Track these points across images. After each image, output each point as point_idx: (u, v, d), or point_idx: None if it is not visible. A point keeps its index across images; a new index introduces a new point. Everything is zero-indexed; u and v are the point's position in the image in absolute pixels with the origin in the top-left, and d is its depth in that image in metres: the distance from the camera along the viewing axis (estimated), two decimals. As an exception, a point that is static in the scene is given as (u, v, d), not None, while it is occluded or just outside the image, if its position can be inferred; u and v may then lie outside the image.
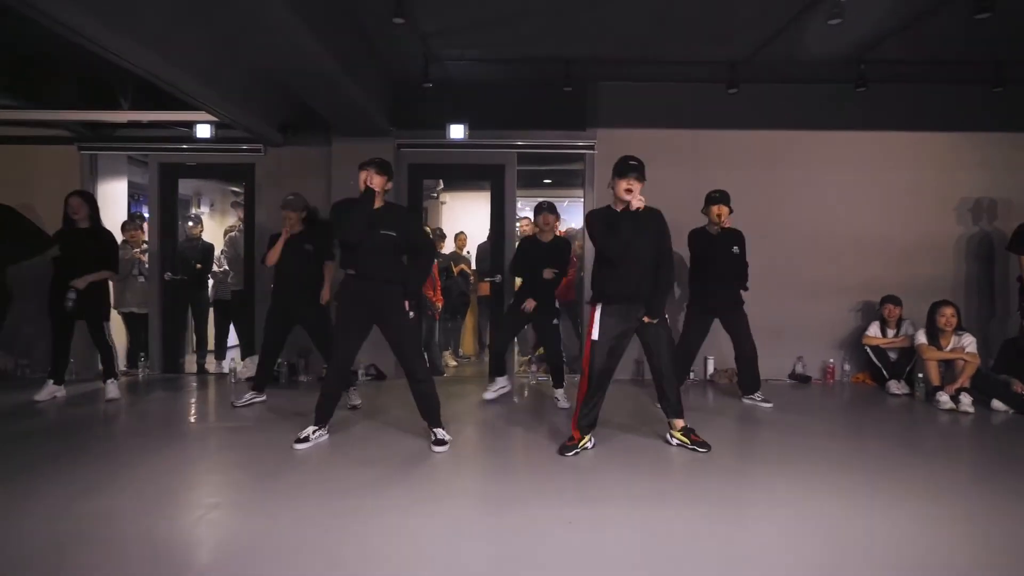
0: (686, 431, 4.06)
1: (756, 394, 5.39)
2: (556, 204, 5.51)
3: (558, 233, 5.61)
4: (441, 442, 4.01)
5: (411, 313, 4.12)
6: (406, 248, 4.15)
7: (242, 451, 3.99)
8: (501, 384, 5.54)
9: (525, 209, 9.65)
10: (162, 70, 4.22)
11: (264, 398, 5.21)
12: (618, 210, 3.92)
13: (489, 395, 5.46)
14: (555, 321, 5.33)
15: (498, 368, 5.55)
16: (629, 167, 3.83)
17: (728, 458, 3.93)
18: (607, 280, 3.94)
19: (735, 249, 5.33)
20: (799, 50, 5.42)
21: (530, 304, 5.17)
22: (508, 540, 2.72)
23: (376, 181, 3.98)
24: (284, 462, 3.72)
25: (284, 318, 5.15)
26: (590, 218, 4.05)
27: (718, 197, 5.32)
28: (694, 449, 3.98)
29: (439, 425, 4.11)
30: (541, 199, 5.57)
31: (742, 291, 5.40)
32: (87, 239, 5.19)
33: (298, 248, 5.09)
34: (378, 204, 4.04)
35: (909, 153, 6.41)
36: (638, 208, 3.80)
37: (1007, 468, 3.73)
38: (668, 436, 4.12)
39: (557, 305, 5.38)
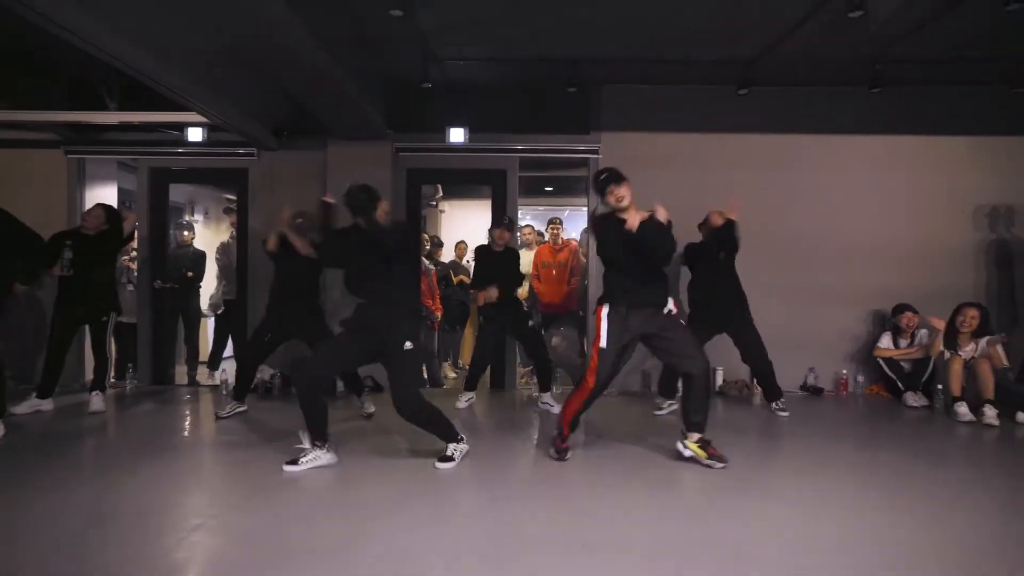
0: (703, 443, 3.82)
1: (778, 401, 5.25)
2: (557, 214, 5.55)
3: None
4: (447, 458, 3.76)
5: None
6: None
7: (232, 467, 3.76)
8: (469, 396, 5.52)
9: (526, 218, 9.48)
10: (153, 68, 4.05)
11: (246, 408, 5.04)
12: (623, 217, 3.74)
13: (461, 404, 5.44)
14: (531, 323, 5.50)
15: (470, 383, 5.54)
16: (604, 180, 3.72)
17: (742, 468, 3.71)
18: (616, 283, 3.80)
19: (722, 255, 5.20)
20: (811, 50, 5.24)
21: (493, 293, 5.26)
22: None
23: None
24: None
25: (279, 333, 4.96)
26: (598, 223, 3.89)
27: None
28: (708, 464, 3.75)
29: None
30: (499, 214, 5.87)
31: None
32: (93, 243, 5.05)
33: (301, 262, 4.90)
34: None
35: (922, 157, 6.22)
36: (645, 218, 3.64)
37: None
38: (680, 446, 3.88)
39: (526, 307, 5.63)
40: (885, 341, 5.81)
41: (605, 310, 3.78)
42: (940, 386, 5.38)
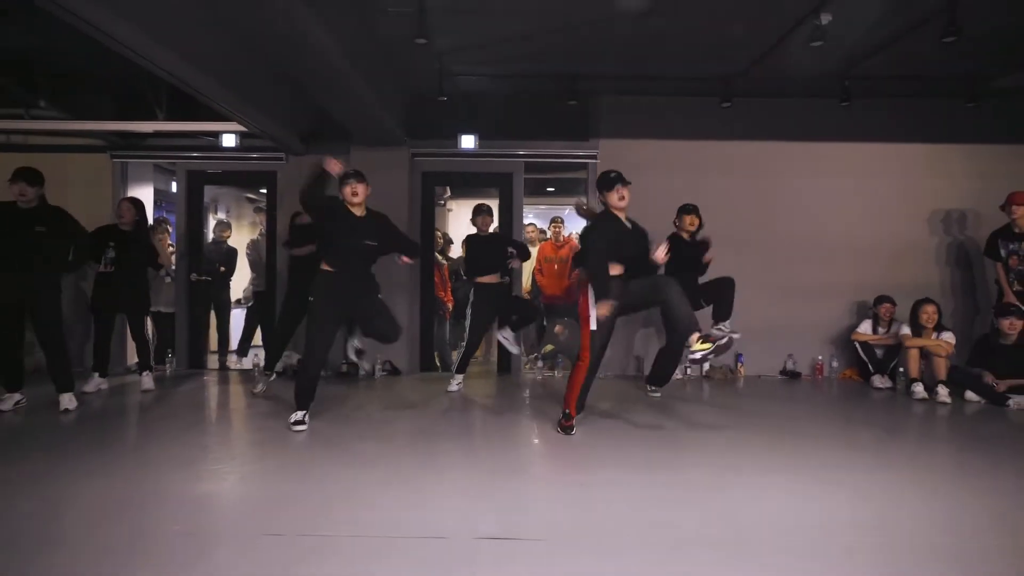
0: (703, 337, 4.04)
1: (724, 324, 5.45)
2: (558, 213, 5.96)
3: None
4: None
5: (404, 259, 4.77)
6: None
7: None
8: (459, 380, 5.91)
9: (529, 216, 10.07)
10: (200, 82, 4.61)
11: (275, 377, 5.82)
12: (619, 216, 4.29)
13: (452, 387, 5.85)
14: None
15: (462, 366, 5.95)
16: (614, 179, 4.23)
17: (719, 442, 4.31)
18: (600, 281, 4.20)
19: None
20: (788, 67, 5.84)
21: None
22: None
23: (360, 190, 4.46)
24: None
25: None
26: (597, 222, 4.31)
27: (692, 208, 5.65)
28: (723, 343, 4.05)
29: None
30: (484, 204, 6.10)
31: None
32: (129, 240, 5.58)
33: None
34: (361, 213, 4.49)
35: (892, 163, 6.82)
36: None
37: (978, 450, 4.11)
38: (687, 351, 4.17)
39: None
40: (864, 327, 6.39)
41: (591, 294, 4.17)
42: (901, 369, 6.00)
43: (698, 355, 4.03)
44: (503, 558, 2.45)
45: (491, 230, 6.12)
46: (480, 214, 5.96)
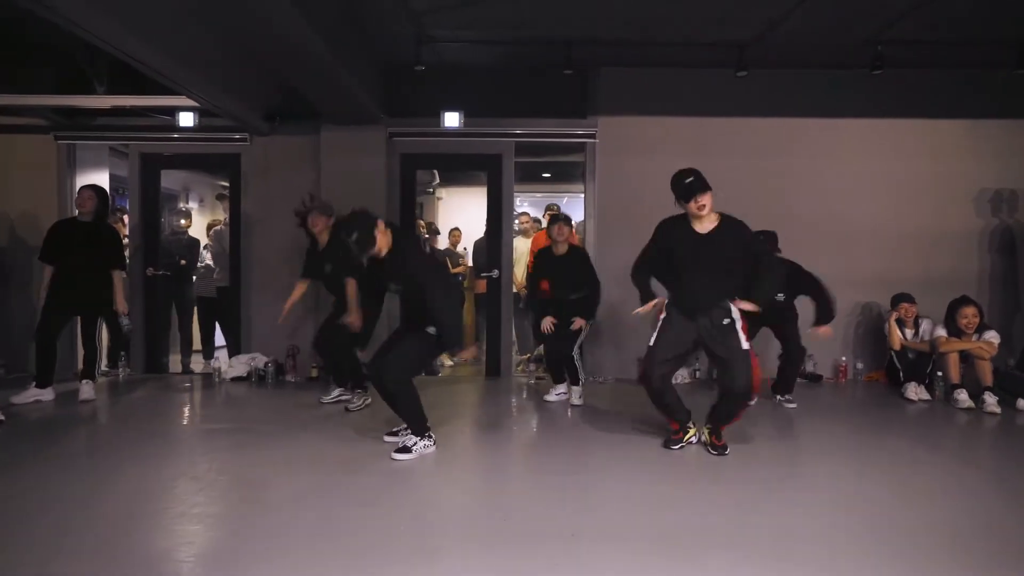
0: (714, 430, 3.82)
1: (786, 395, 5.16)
2: (556, 201, 5.28)
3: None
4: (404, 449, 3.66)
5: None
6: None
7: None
8: (561, 390, 5.23)
9: (523, 204, 9.40)
10: (143, 52, 3.98)
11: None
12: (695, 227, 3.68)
13: (551, 398, 5.22)
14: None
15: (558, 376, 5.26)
16: (693, 185, 3.55)
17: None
18: (671, 289, 3.83)
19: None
20: (810, 31, 5.14)
21: (547, 324, 5.02)
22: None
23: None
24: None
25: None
26: (669, 226, 3.79)
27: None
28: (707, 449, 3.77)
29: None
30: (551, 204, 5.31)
31: None
32: (89, 234, 4.93)
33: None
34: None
35: (924, 142, 6.13)
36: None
37: None
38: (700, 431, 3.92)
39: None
40: (905, 333, 5.65)
41: (664, 313, 3.79)
42: (939, 373, 5.31)
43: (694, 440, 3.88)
44: None
45: (564, 246, 5.08)
46: (556, 222, 5.07)
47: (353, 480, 3.28)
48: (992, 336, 5.15)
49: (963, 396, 4.95)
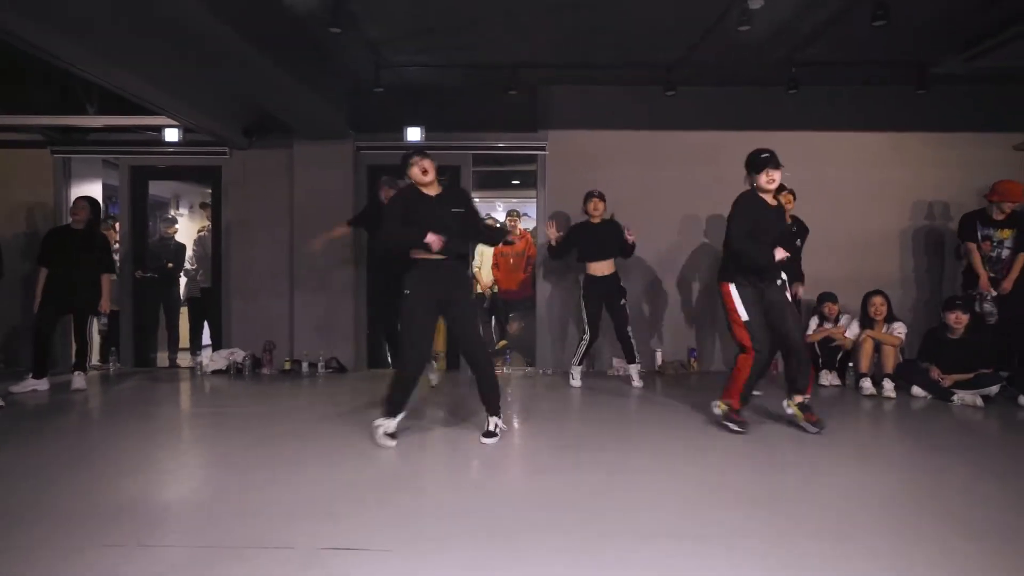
0: (803, 406, 4.16)
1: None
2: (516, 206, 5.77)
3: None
4: (491, 434, 3.90)
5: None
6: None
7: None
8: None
9: (499, 208, 9.98)
10: (130, 83, 4.58)
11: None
12: (767, 200, 4.20)
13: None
14: (622, 302, 5.69)
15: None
16: (767, 160, 4.13)
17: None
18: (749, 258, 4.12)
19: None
20: (726, 55, 5.68)
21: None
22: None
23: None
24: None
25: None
26: (746, 199, 4.24)
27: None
28: (803, 428, 4.14)
29: (496, 414, 3.98)
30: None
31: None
32: (82, 240, 5.49)
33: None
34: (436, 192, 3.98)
35: (847, 152, 6.66)
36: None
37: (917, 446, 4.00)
38: (784, 404, 4.27)
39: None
40: (812, 325, 6.24)
41: (732, 286, 4.11)
42: (851, 364, 5.86)
43: (789, 411, 4.20)
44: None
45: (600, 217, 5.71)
46: (591, 199, 5.69)
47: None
48: (899, 327, 5.70)
49: (867, 384, 5.49)
